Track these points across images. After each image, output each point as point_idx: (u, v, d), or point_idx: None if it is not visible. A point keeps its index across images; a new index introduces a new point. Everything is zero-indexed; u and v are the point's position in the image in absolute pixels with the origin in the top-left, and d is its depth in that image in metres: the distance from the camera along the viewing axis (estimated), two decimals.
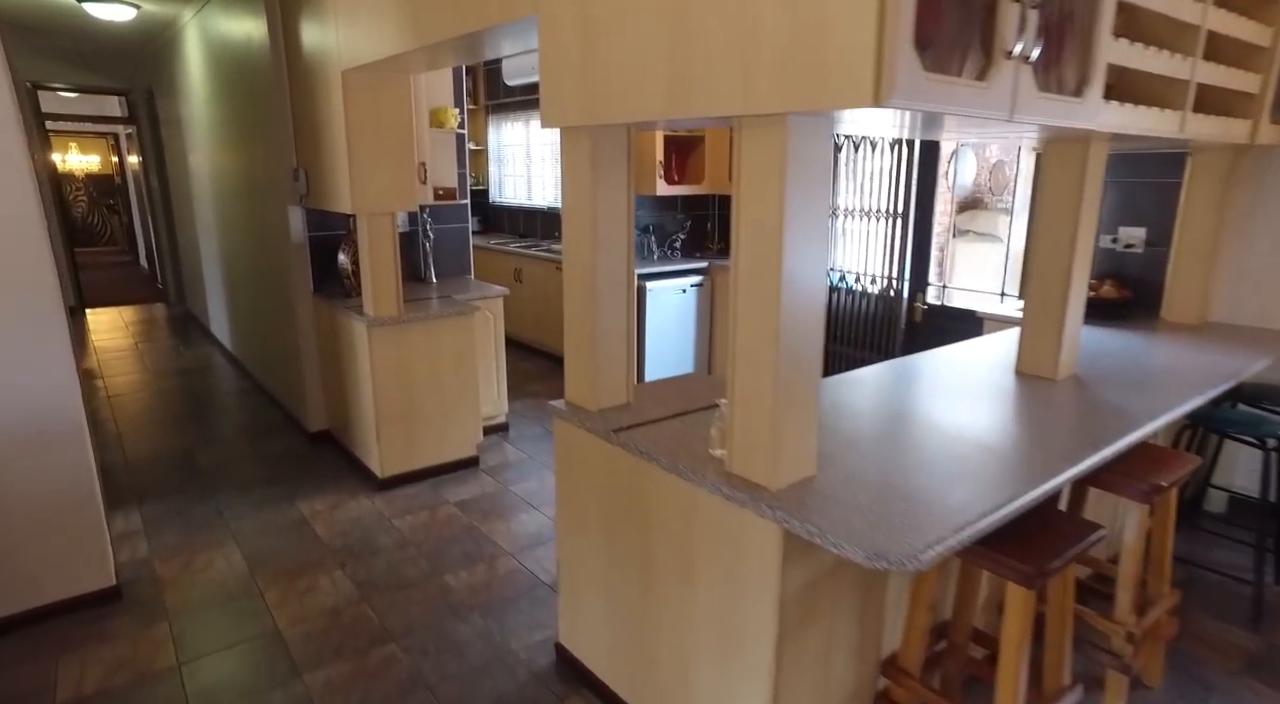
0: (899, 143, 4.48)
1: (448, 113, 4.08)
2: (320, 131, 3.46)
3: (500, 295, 4.14)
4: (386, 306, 3.45)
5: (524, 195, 7.15)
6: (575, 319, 2.11)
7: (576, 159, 1.96)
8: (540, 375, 5.53)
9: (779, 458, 1.58)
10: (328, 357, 4.01)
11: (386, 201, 3.33)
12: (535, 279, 5.93)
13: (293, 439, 4.25)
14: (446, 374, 3.68)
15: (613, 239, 2.02)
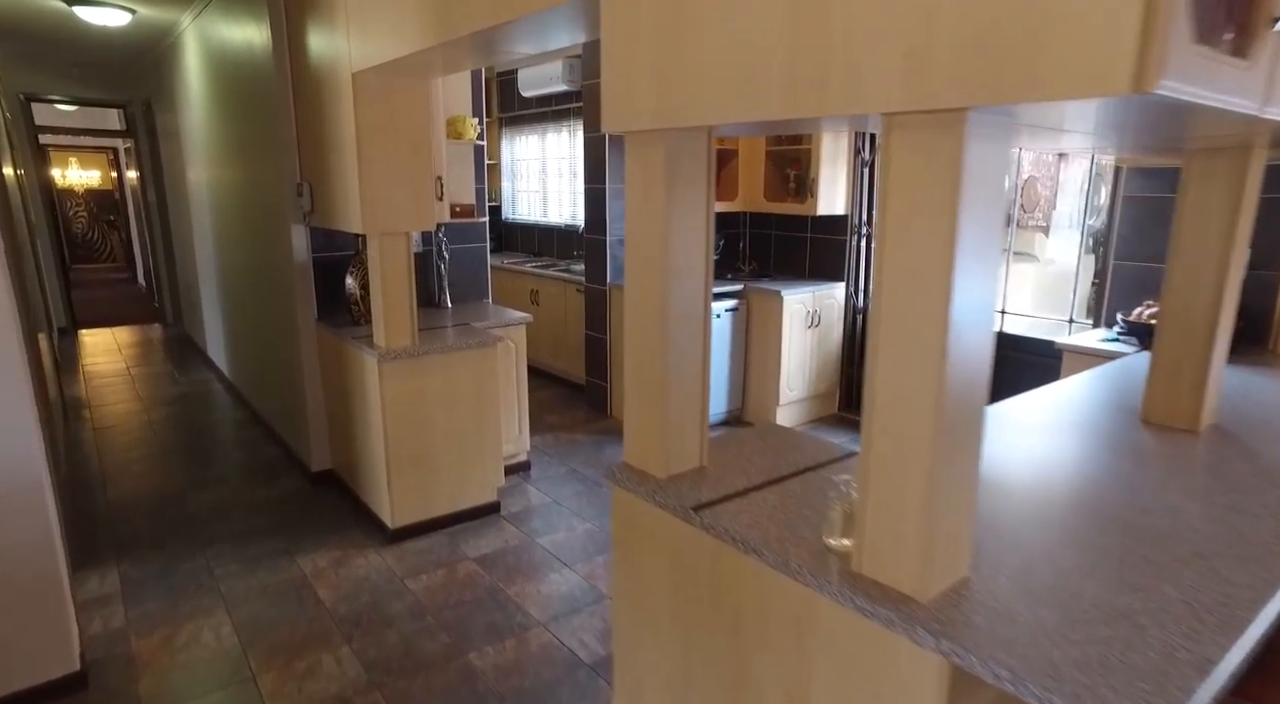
0: None
1: (466, 123, 3.73)
2: (327, 142, 3.11)
3: (522, 322, 3.78)
4: (399, 337, 3.09)
5: (538, 212, 6.81)
6: (640, 366, 1.73)
7: (647, 171, 1.60)
8: (559, 404, 5.15)
9: (931, 558, 1.20)
10: (333, 390, 3.63)
11: (401, 220, 2.97)
12: (552, 301, 5.56)
13: (293, 480, 3.87)
14: (466, 412, 3.30)
15: (689, 267, 1.65)
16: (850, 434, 4.58)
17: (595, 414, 4.95)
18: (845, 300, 4.80)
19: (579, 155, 6.16)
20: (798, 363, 4.63)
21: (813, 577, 1.31)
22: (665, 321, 1.65)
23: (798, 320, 4.55)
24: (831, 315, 4.76)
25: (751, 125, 1.60)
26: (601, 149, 4.55)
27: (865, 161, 4.58)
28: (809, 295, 4.58)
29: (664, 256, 1.60)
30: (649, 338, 1.70)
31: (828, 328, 4.75)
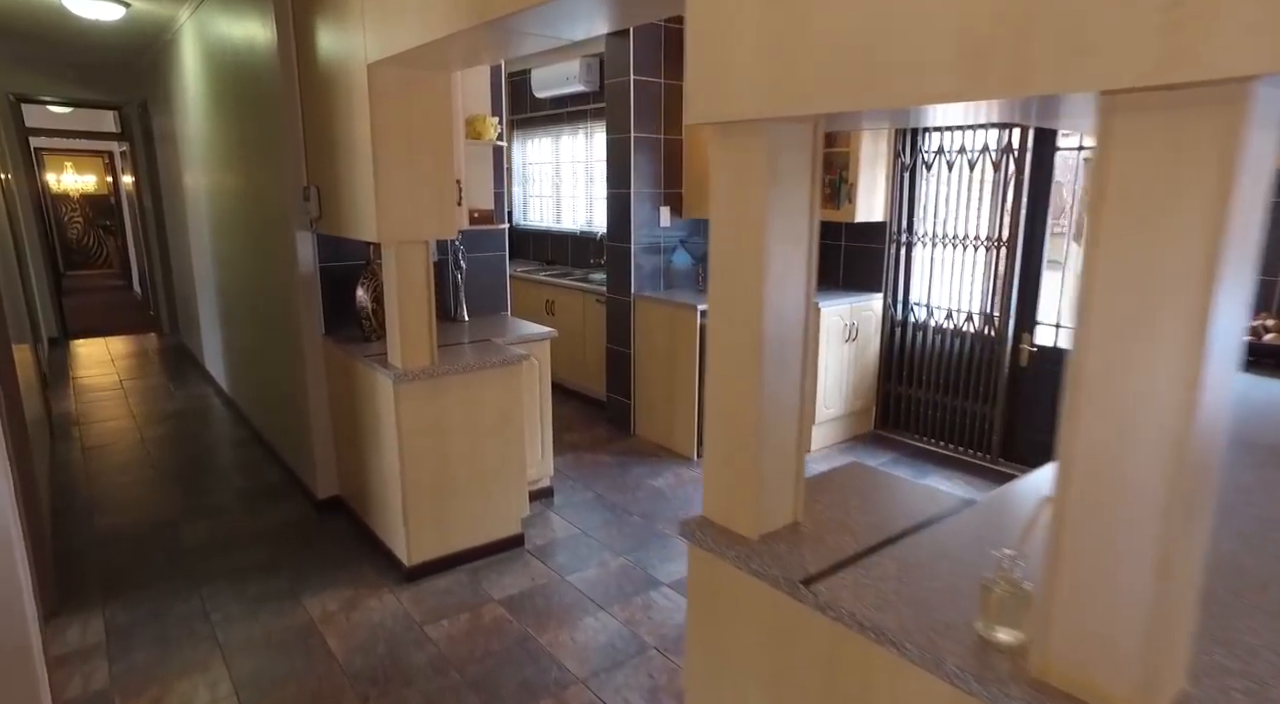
0: (1006, 155, 3.86)
1: (486, 122, 3.46)
2: (337, 143, 2.84)
3: (546, 337, 3.50)
4: (418, 356, 2.80)
5: (551, 218, 6.54)
6: (727, 402, 1.45)
7: (744, 170, 1.32)
8: (578, 422, 4.87)
9: (1156, 666, 0.91)
10: (341, 412, 3.35)
11: (421, 228, 2.70)
12: (569, 312, 5.28)
13: (298, 508, 3.57)
14: (489, 437, 3.02)
15: (790, 282, 1.38)
16: (890, 454, 4.30)
17: (618, 433, 4.66)
18: (883, 312, 4.53)
19: (595, 159, 5.90)
20: (834, 378, 4.35)
21: (979, 683, 1.02)
22: (761, 348, 1.37)
23: (834, 333, 4.28)
24: (869, 328, 4.49)
25: (887, 114, 1.33)
26: (626, 152, 4.28)
27: (905, 166, 4.31)
28: (846, 307, 4.31)
29: (761, 271, 1.32)
30: (740, 368, 1.41)
31: (865, 341, 4.48)
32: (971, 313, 4.14)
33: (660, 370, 4.34)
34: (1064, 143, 3.70)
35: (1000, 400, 4.06)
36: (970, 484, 3.91)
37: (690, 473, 4.04)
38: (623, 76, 4.22)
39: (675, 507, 3.61)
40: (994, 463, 4.12)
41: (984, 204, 4.07)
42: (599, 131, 5.77)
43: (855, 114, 1.29)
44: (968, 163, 4.03)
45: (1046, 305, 3.92)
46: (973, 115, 1.33)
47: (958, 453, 4.28)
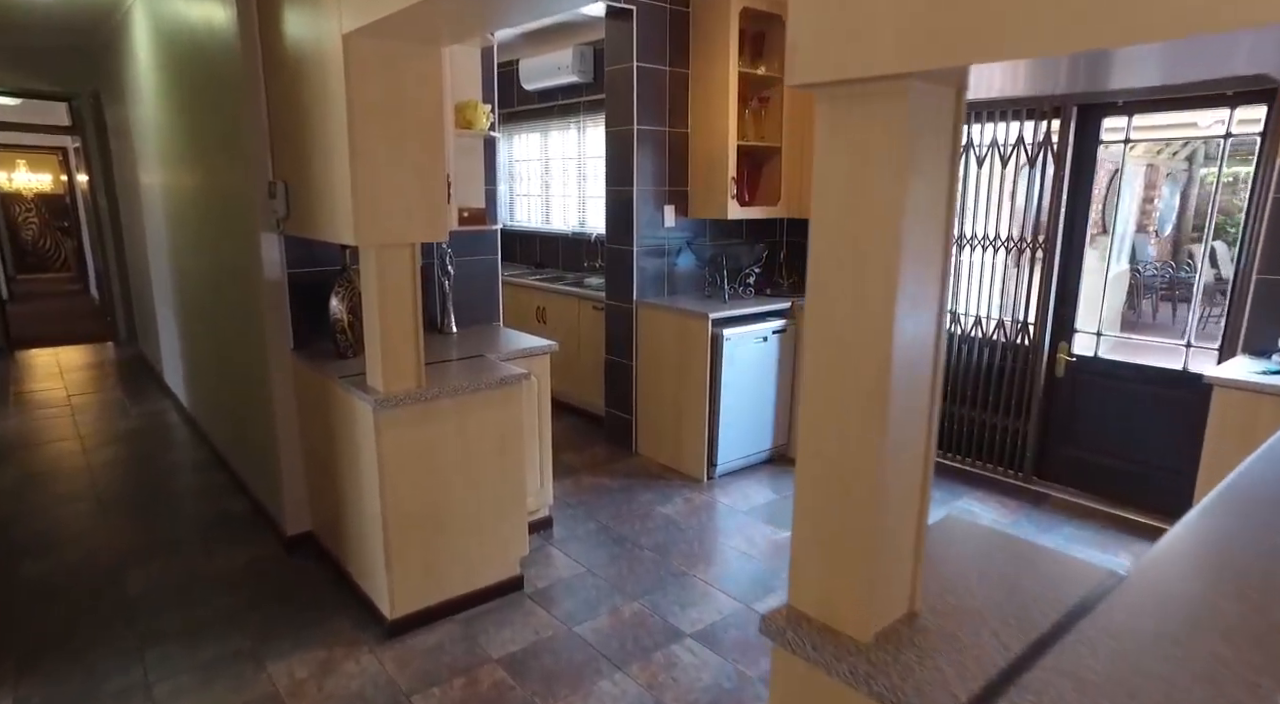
0: (1044, 148, 3.56)
1: (478, 110, 3.08)
2: (308, 131, 2.44)
3: (546, 351, 3.12)
4: (402, 377, 2.42)
5: (540, 219, 6.15)
6: (832, 455, 1.09)
7: (877, 147, 0.96)
8: (575, 439, 4.49)
9: None
10: (314, 437, 2.94)
11: (406, 229, 2.31)
12: (563, 320, 4.91)
13: (263, 546, 3.16)
14: (485, 468, 2.64)
15: (923, 298, 1.03)
16: None
17: (618, 451, 4.29)
18: None
19: (588, 154, 5.53)
20: None
21: None
22: (887, 386, 1.01)
23: None
24: None
25: (1083, 71, 0.98)
26: (628, 146, 3.92)
27: None
28: None
29: (894, 283, 0.96)
30: (854, 411, 1.05)
31: None
32: (1003, 320, 3.83)
33: (667, 385, 3.98)
34: (1108, 135, 3.40)
35: (1034, 414, 3.75)
36: (1003, 506, 3.60)
37: (701, 498, 3.68)
38: (624, 63, 3.86)
39: (690, 538, 3.25)
40: (1027, 481, 3.82)
41: (1017, 202, 3.77)
42: (593, 126, 5.40)
43: (1033, 72, 0.95)
44: (999, 157, 3.73)
45: (1086, 312, 3.62)
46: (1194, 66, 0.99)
47: (987, 470, 3.96)
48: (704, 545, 3.19)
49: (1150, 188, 8.79)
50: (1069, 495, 3.66)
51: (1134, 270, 7.55)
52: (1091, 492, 3.61)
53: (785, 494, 3.72)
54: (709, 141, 3.98)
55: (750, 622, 2.64)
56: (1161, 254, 8.23)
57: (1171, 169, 8.30)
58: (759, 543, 3.21)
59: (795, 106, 4.09)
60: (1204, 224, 3.61)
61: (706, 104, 3.96)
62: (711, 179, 4.00)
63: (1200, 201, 9.38)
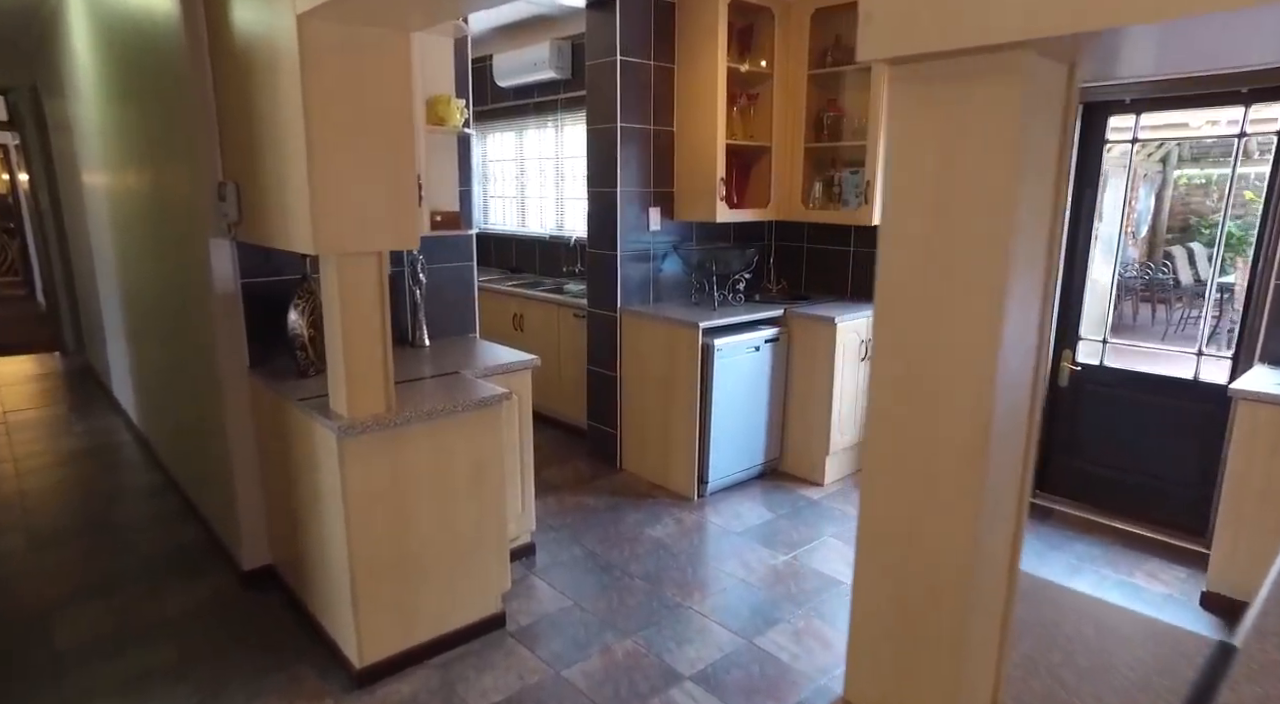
0: None
1: (450, 105, 2.84)
2: (260, 126, 2.18)
3: (528, 366, 2.88)
4: (369, 401, 2.17)
5: (514, 221, 5.90)
6: (902, 517, 0.88)
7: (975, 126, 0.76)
8: (555, 454, 4.25)
9: None
10: (273, 463, 2.68)
11: (372, 235, 2.06)
12: (542, 328, 4.66)
13: (217, 581, 2.87)
14: (462, 498, 2.39)
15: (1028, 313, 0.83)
16: None
17: (602, 468, 4.07)
18: None
19: (565, 154, 5.29)
20: (849, 403, 3.85)
21: None
22: (986, 430, 0.80)
23: (850, 352, 3.77)
24: None
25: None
26: (610, 145, 3.69)
27: None
28: (862, 321, 3.80)
29: (999, 303, 0.76)
30: (939, 464, 0.85)
31: None
32: None
33: (653, 398, 3.77)
34: (1114, 135, 3.27)
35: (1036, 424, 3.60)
36: None
37: (692, 518, 3.47)
38: (607, 57, 3.64)
39: (683, 564, 3.04)
40: (1031, 495, 3.66)
41: None
42: (570, 124, 5.16)
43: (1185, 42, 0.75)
44: None
45: (1091, 318, 3.49)
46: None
47: None
48: (698, 572, 2.98)
49: (1129, 189, 8.83)
50: (1074, 509, 3.52)
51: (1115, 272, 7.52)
52: (1097, 506, 3.47)
53: (780, 513, 3.52)
54: (696, 140, 3.77)
55: (754, 659, 2.43)
56: (1139, 256, 8.24)
57: (1147, 170, 8.33)
58: (756, 568, 3.01)
59: (785, 104, 3.90)
60: (1178, 225, 3.48)
61: (693, 101, 3.75)
62: (699, 180, 3.79)
63: (1173, 203, 9.46)
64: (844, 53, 3.85)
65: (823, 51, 3.88)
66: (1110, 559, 3.08)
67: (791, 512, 3.54)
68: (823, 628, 2.61)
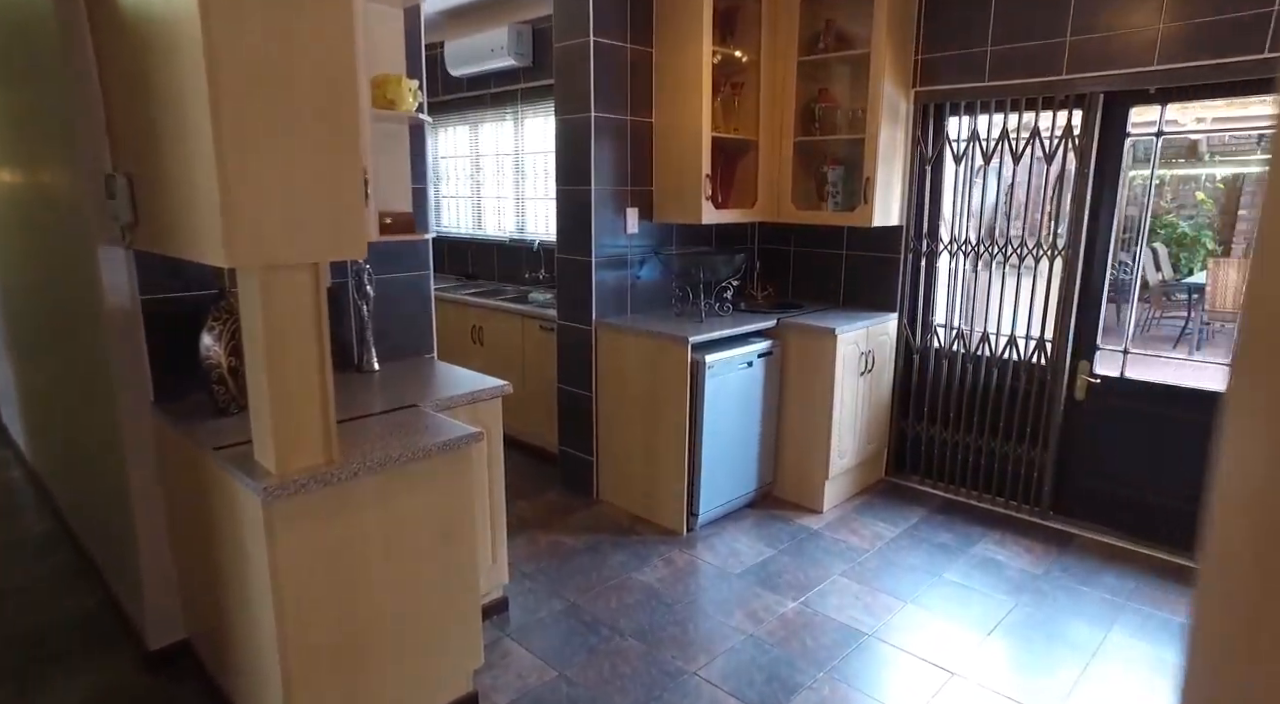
0: (1064, 141, 3.14)
1: (401, 86, 2.38)
2: (156, 104, 1.70)
3: (497, 394, 2.45)
4: (304, 450, 1.71)
5: (470, 223, 5.43)
6: None
7: None
8: (524, 482, 3.81)
9: None
10: (188, 524, 2.18)
11: (304, 244, 1.61)
12: (504, 341, 4.22)
13: (117, 664, 2.36)
14: (423, 564, 1.95)
15: None
16: (916, 508, 3.50)
17: (577, 498, 3.65)
18: (898, 335, 3.74)
19: (527, 150, 4.85)
20: (849, 421, 3.52)
21: None
22: None
23: (850, 365, 3.44)
24: (883, 356, 3.68)
25: None
26: (583, 137, 3.29)
27: (928, 158, 3.53)
28: (862, 331, 3.48)
29: None
30: None
31: (879, 372, 3.67)
32: (1015, 336, 3.40)
33: (634, 421, 3.37)
34: (1135, 128, 3.01)
35: (1052, 442, 3.34)
36: (1028, 551, 3.15)
37: (683, 558, 3.08)
38: (579, 37, 3.23)
39: (679, 617, 2.65)
40: (1044, 517, 3.40)
41: (1031, 203, 3.35)
42: (532, 116, 4.73)
43: None
44: (1010, 152, 3.29)
45: (1112, 327, 3.23)
46: None
47: (998, 506, 3.53)
48: (699, 627, 2.59)
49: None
50: (1095, 533, 3.25)
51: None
52: (1120, 528, 3.22)
53: (780, 548, 3.16)
54: (678, 133, 3.39)
55: None
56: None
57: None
58: (765, 620, 2.64)
59: (772, 94, 3.55)
60: (1134, 227, 3.26)
61: (675, 88, 3.37)
62: (682, 177, 3.41)
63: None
64: (837, 38, 3.52)
65: (814, 37, 3.55)
66: (1148, 594, 2.81)
67: (793, 546, 3.19)
68: (850, 695, 2.25)
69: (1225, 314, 6.58)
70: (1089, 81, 2.97)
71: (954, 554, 3.12)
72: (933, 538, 3.26)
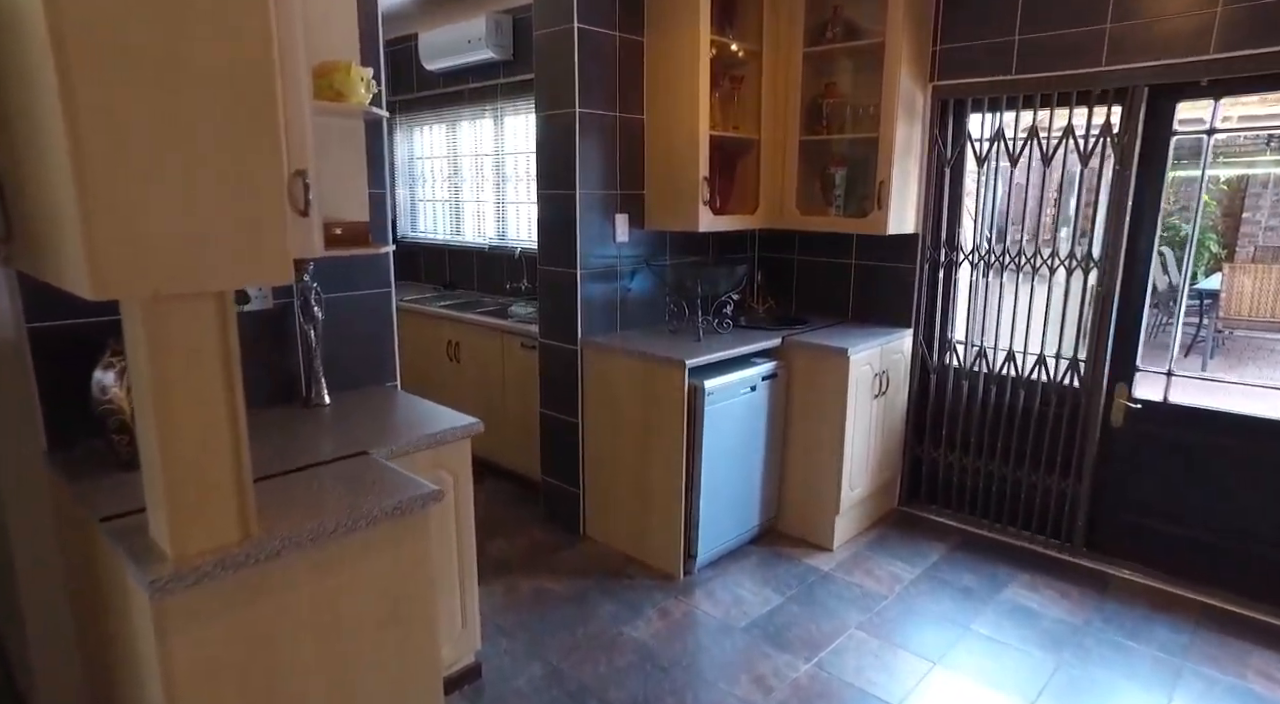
0: (1101, 140, 2.83)
1: (351, 75, 2.03)
2: (12, 90, 1.34)
3: (467, 434, 2.10)
4: (211, 525, 1.36)
5: (448, 228, 5.07)
6: None
7: None
8: (504, 517, 3.47)
9: None
10: (88, 603, 1.82)
11: (207, 266, 1.25)
12: (481, 358, 3.87)
13: None
14: (368, 653, 1.60)
15: None
16: (937, 543, 3.17)
17: (561, 534, 3.30)
18: (913, 353, 3.42)
19: (508, 150, 4.51)
20: (861, 448, 3.19)
21: None
22: None
23: (863, 387, 3.11)
24: (898, 376, 3.36)
25: None
26: (567, 136, 2.95)
27: (947, 160, 3.22)
28: (876, 350, 3.15)
29: None
30: None
31: (894, 393, 3.35)
32: (1044, 355, 3.09)
33: (625, 450, 3.03)
34: (1183, 126, 2.70)
35: (1086, 472, 3.02)
36: (1063, 596, 2.83)
37: (681, 608, 2.74)
38: (561, 24, 2.88)
39: (678, 684, 2.31)
40: (1076, 555, 3.09)
41: (1064, 209, 3.04)
42: (512, 114, 4.39)
43: None
44: (1040, 153, 2.98)
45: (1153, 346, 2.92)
46: None
47: (1024, 540, 3.21)
48: (698, 698, 2.25)
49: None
50: (1135, 574, 2.94)
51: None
52: (1163, 569, 2.91)
53: (788, 594, 2.83)
54: (672, 131, 3.05)
55: None
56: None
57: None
58: (774, 686, 2.31)
59: (775, 88, 3.23)
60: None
61: (668, 82, 3.03)
62: (676, 180, 3.07)
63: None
64: (846, 27, 3.20)
65: (820, 25, 3.22)
66: (1207, 651, 2.49)
67: (802, 591, 2.85)
68: None
69: (1240, 321, 6.32)
70: (1132, 73, 2.66)
71: (981, 601, 2.79)
72: (955, 580, 2.94)
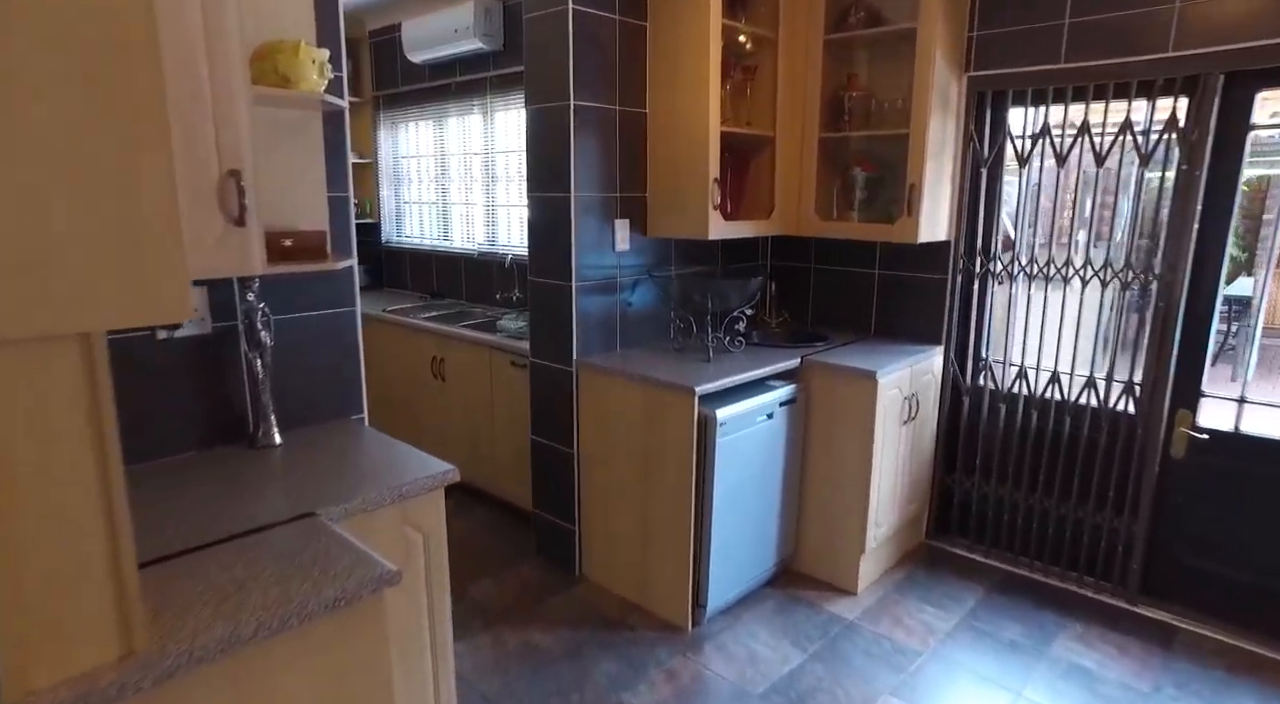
0: (1165, 137, 2.50)
1: (300, 56, 1.70)
2: None
3: (440, 482, 1.76)
4: (74, 639, 1.03)
5: (436, 233, 4.74)
6: None
7: None
8: (490, 554, 3.14)
9: None
10: None
11: (65, 302, 0.92)
12: (468, 376, 3.54)
13: None
14: None
15: None
16: (972, 585, 2.85)
17: (555, 575, 2.97)
18: (944, 373, 3.09)
19: (499, 148, 4.18)
20: (888, 482, 2.86)
21: None
22: None
23: (892, 413, 2.79)
24: (928, 400, 3.04)
25: None
26: (562, 131, 2.62)
27: (984, 159, 2.89)
28: (905, 371, 2.83)
29: None
30: None
31: (923, 418, 3.03)
32: (1094, 377, 2.77)
33: (628, 484, 2.70)
34: (1262, 117, 2.38)
35: (1143, 508, 2.70)
36: (1122, 651, 2.51)
37: (690, 668, 2.41)
38: (554, 5, 2.56)
39: None
40: (1132, 602, 2.76)
41: (1119, 216, 2.72)
42: (503, 109, 4.06)
43: None
44: (1093, 152, 2.65)
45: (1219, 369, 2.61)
46: None
47: (1069, 582, 2.89)
48: None
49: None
50: (1202, 626, 2.62)
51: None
52: (1234, 621, 2.58)
53: (810, 650, 2.50)
54: (679, 127, 2.73)
55: None
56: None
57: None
58: None
59: (793, 80, 2.91)
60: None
61: (674, 72, 2.71)
62: (683, 182, 2.75)
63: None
64: (870, 12, 2.88)
65: (843, 11, 2.90)
66: None
67: (826, 646, 2.53)
68: None
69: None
70: (1205, 59, 2.34)
71: (1030, 657, 2.47)
72: (998, 632, 2.61)
